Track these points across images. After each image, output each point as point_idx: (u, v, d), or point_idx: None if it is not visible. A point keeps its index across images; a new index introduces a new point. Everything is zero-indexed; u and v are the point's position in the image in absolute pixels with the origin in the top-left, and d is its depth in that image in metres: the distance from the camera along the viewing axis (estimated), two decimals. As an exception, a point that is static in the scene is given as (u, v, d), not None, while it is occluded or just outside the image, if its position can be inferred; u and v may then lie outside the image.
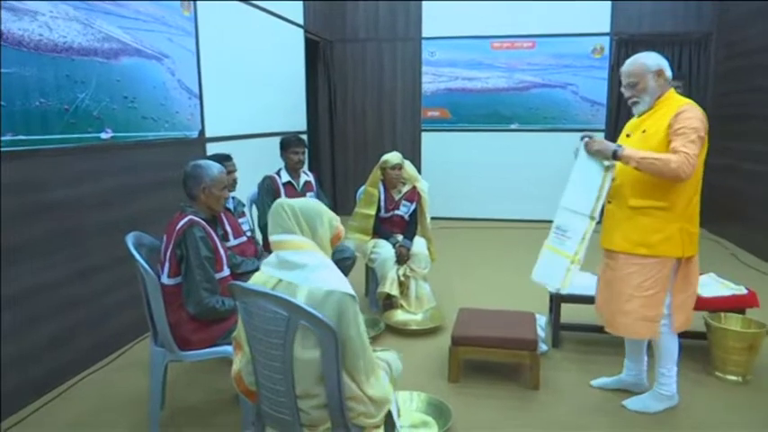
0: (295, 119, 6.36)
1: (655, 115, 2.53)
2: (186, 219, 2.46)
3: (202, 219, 2.50)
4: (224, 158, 3.27)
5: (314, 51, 7.10)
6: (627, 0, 6.96)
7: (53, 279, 2.96)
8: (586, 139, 2.54)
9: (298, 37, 6.33)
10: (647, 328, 2.58)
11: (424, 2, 7.43)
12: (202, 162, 2.62)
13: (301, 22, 6.36)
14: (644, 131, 2.54)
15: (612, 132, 7.10)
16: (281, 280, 1.74)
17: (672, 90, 2.57)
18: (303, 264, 1.72)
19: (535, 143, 7.37)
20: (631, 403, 2.78)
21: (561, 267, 2.57)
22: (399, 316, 3.89)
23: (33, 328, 2.85)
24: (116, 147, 3.39)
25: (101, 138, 3.26)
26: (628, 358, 2.92)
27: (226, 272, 2.58)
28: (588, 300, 3.32)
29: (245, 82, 5.04)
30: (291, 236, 1.76)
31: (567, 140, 7.16)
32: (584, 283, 3.43)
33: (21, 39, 2.70)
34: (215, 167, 2.59)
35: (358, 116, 7.85)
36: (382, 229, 4.11)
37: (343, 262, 3.72)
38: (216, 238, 2.54)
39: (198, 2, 4.20)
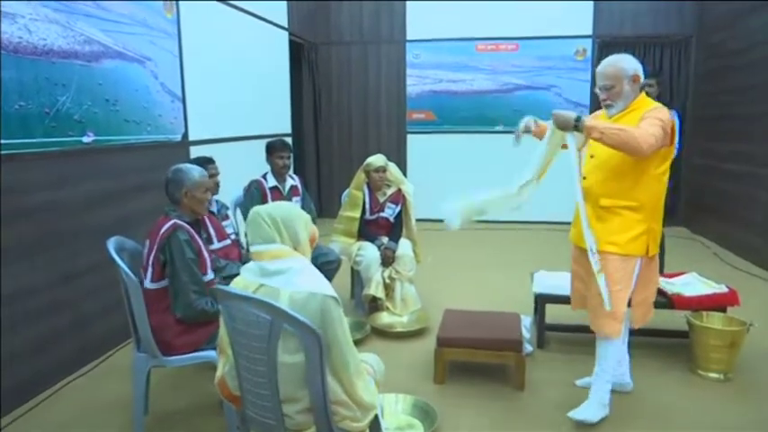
0: (280, 122, 6.34)
1: (627, 116, 2.51)
2: (170, 223, 2.44)
3: (186, 222, 2.49)
4: (206, 161, 3.25)
5: (298, 54, 7.09)
6: (608, 3, 7.03)
7: (35, 284, 2.92)
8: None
9: (282, 39, 6.32)
10: (610, 326, 2.57)
11: (408, 4, 7.45)
12: (183, 166, 2.60)
13: (285, 24, 6.35)
14: None
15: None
16: (262, 285, 1.73)
17: (643, 95, 2.58)
18: (284, 269, 1.71)
19: (520, 145, 7.39)
20: (576, 414, 2.64)
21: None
22: (385, 318, 3.89)
23: (15, 334, 2.81)
24: (98, 150, 3.36)
25: (82, 141, 3.22)
26: None
27: (210, 275, 2.56)
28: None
29: (229, 85, 5.02)
30: (272, 245, 1.74)
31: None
32: (568, 284, 3.44)
33: (-1, 41, 2.67)
34: (196, 171, 2.58)
35: (343, 119, 7.84)
36: (367, 231, 4.11)
37: (329, 265, 3.71)
38: (200, 240, 2.52)
39: (181, 3, 4.18)
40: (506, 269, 5.23)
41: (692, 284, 3.40)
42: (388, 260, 3.98)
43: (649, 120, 2.39)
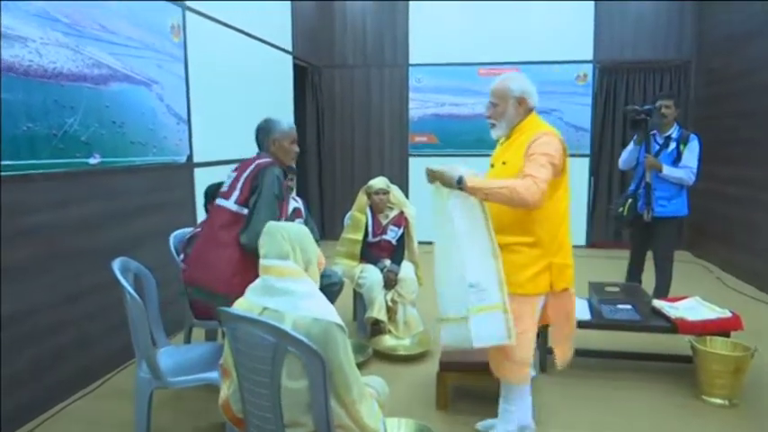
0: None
1: (513, 146, 2.46)
2: (269, 159, 2.63)
3: None
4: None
5: (302, 77, 7.17)
6: (609, 28, 7.13)
7: (38, 304, 2.93)
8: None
9: (286, 63, 6.40)
10: (515, 373, 2.46)
11: (411, 29, 7.56)
12: (273, 117, 2.81)
13: (290, 48, 6.44)
14: (504, 163, 2.48)
15: (597, 157, 7.23)
16: (266, 308, 1.73)
17: (532, 116, 2.49)
18: (290, 291, 1.72)
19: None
20: None
21: (498, 320, 2.30)
22: (387, 341, 3.88)
23: (16, 355, 2.81)
24: (104, 172, 3.39)
25: (89, 163, 3.26)
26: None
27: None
28: (578, 324, 3.34)
29: (234, 107, 5.07)
30: (285, 262, 1.75)
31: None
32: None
33: (11, 65, 2.72)
34: (285, 122, 2.79)
35: (346, 141, 7.90)
36: (370, 253, 4.12)
37: (331, 287, 3.70)
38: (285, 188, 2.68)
39: (188, 28, 4.25)
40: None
41: (695, 309, 3.39)
42: (390, 283, 3.98)
43: (535, 159, 2.27)
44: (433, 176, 2.44)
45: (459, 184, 2.30)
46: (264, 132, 2.76)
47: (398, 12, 7.58)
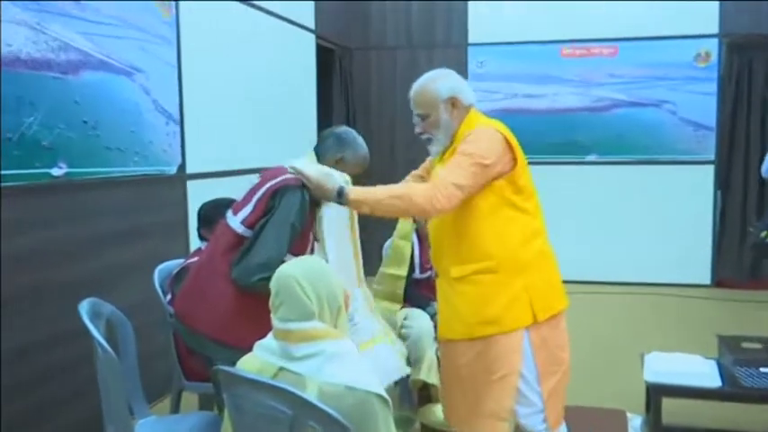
0: (303, 147, 6.39)
1: (448, 157, 2.53)
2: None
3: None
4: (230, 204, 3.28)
5: (328, 61, 7.24)
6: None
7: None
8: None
9: (307, 44, 6.48)
10: (492, 429, 2.47)
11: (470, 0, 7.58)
12: (358, 136, 2.84)
13: (312, 25, 6.51)
14: None
15: (725, 164, 7.03)
16: (282, 368, 1.71)
17: (470, 115, 2.58)
18: (315, 352, 1.70)
19: (620, 179, 7.32)
20: None
21: (390, 353, 2.67)
22: (440, 412, 3.80)
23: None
24: (71, 186, 3.45)
25: (52, 174, 3.32)
26: None
27: None
28: (699, 393, 3.22)
29: (240, 102, 5.13)
30: (308, 323, 1.72)
31: (662, 175, 7.11)
32: (695, 371, 3.33)
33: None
34: (364, 148, 2.82)
35: (384, 145, 7.89)
36: (417, 294, 4.08)
37: (366, 338, 3.67)
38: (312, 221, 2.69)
39: (181, 2, 4.33)
40: (605, 349, 5.09)
41: None
42: (444, 334, 3.91)
43: (453, 160, 2.41)
44: (308, 183, 2.53)
45: (340, 198, 2.42)
46: (337, 143, 2.79)
47: (454, -25, 7.62)
